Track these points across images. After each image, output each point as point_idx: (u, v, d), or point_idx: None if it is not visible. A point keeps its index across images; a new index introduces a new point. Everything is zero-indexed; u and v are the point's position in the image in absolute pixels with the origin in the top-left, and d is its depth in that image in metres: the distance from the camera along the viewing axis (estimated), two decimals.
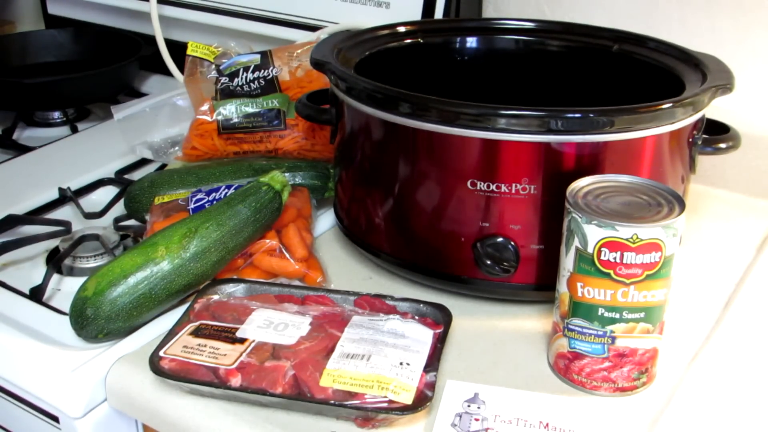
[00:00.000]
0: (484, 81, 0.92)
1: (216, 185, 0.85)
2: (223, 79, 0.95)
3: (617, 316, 0.60)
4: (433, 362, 0.63)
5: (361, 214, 0.78)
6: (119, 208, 0.93)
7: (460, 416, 0.60)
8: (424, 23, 0.97)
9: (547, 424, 0.59)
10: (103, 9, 1.37)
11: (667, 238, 0.58)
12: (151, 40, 1.24)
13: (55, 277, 0.81)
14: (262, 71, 0.95)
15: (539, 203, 0.68)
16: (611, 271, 0.59)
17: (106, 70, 1.21)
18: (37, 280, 0.80)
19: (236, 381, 0.61)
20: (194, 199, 0.81)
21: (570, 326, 0.63)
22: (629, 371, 0.63)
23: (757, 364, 0.67)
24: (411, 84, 0.74)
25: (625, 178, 0.64)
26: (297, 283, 0.77)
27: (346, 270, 0.81)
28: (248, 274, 0.77)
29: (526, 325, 0.73)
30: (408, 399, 0.59)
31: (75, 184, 0.99)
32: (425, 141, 0.69)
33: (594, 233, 0.59)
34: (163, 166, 1.02)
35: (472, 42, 0.93)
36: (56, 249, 0.86)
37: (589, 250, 0.59)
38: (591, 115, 0.65)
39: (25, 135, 1.19)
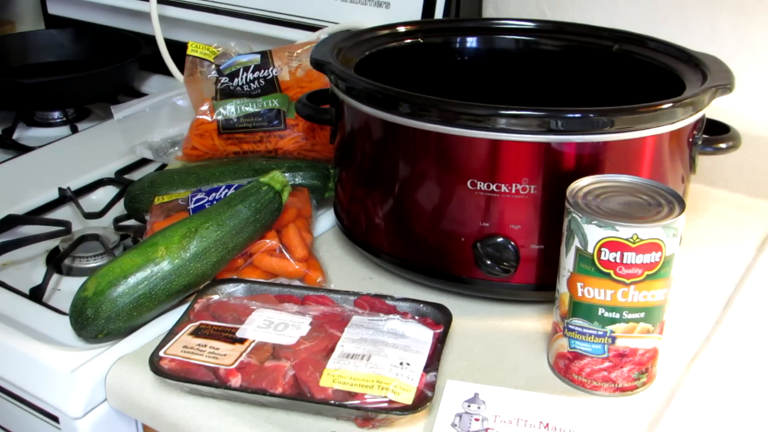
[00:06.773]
0: (484, 81, 0.92)
1: (216, 185, 0.85)
2: (223, 79, 0.95)
3: (617, 316, 0.60)
4: (433, 362, 0.63)
5: (361, 214, 0.78)
6: (119, 208, 0.93)
7: (460, 416, 0.60)
8: (424, 23, 0.97)
9: (547, 424, 0.59)
10: (103, 9, 1.37)
11: (667, 238, 0.58)
12: (151, 40, 1.24)
13: (55, 277, 0.81)
14: (262, 71, 0.95)
15: (539, 203, 0.68)
16: (611, 271, 0.59)
17: (106, 70, 1.21)
18: (37, 280, 0.80)
19: (236, 381, 0.61)
20: (194, 199, 0.81)
21: (570, 326, 0.63)
22: (629, 371, 0.63)
23: (758, 364, 0.67)
24: (411, 84, 0.73)
25: (625, 178, 0.64)
26: (297, 283, 0.77)
27: (346, 270, 0.81)
28: (248, 274, 0.77)
29: (526, 325, 0.73)
30: (408, 399, 0.59)
31: (75, 184, 0.99)
32: (425, 141, 0.69)
33: (594, 233, 0.59)
34: (163, 166, 1.02)
35: (472, 42, 0.93)
36: (56, 249, 0.86)
37: (589, 250, 0.59)
38: (591, 115, 0.65)
39: (25, 135, 1.19)
